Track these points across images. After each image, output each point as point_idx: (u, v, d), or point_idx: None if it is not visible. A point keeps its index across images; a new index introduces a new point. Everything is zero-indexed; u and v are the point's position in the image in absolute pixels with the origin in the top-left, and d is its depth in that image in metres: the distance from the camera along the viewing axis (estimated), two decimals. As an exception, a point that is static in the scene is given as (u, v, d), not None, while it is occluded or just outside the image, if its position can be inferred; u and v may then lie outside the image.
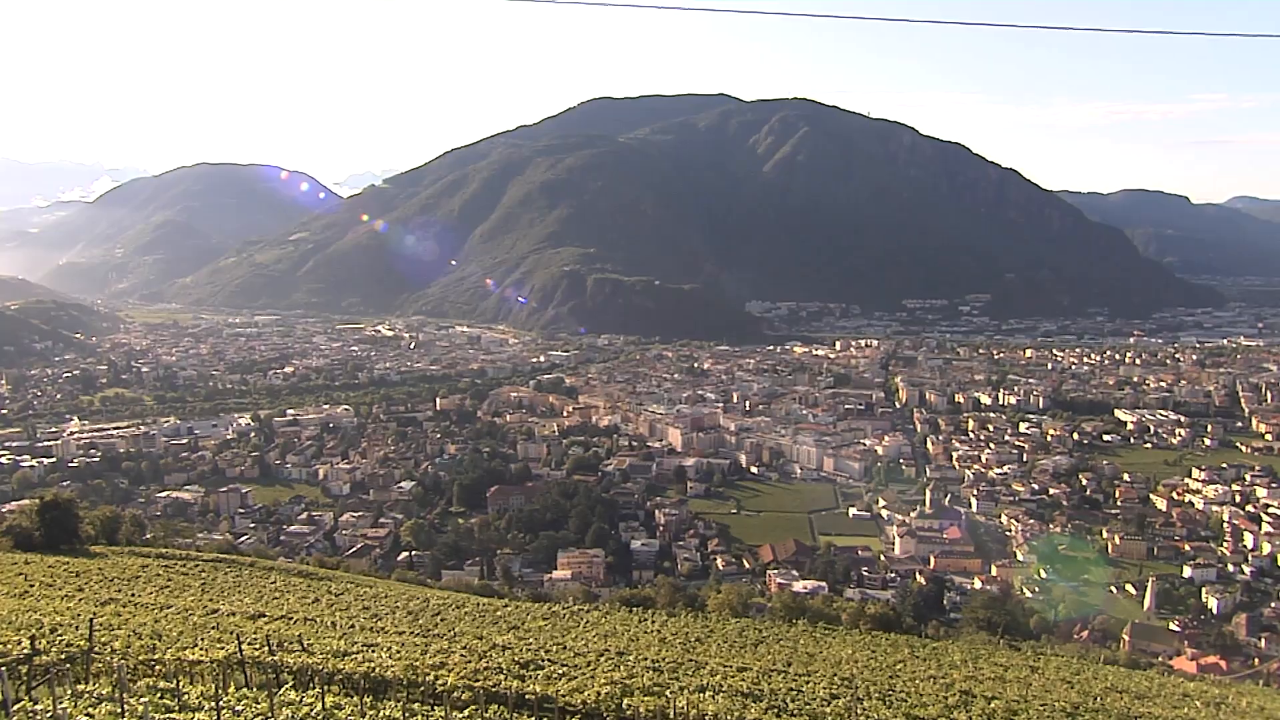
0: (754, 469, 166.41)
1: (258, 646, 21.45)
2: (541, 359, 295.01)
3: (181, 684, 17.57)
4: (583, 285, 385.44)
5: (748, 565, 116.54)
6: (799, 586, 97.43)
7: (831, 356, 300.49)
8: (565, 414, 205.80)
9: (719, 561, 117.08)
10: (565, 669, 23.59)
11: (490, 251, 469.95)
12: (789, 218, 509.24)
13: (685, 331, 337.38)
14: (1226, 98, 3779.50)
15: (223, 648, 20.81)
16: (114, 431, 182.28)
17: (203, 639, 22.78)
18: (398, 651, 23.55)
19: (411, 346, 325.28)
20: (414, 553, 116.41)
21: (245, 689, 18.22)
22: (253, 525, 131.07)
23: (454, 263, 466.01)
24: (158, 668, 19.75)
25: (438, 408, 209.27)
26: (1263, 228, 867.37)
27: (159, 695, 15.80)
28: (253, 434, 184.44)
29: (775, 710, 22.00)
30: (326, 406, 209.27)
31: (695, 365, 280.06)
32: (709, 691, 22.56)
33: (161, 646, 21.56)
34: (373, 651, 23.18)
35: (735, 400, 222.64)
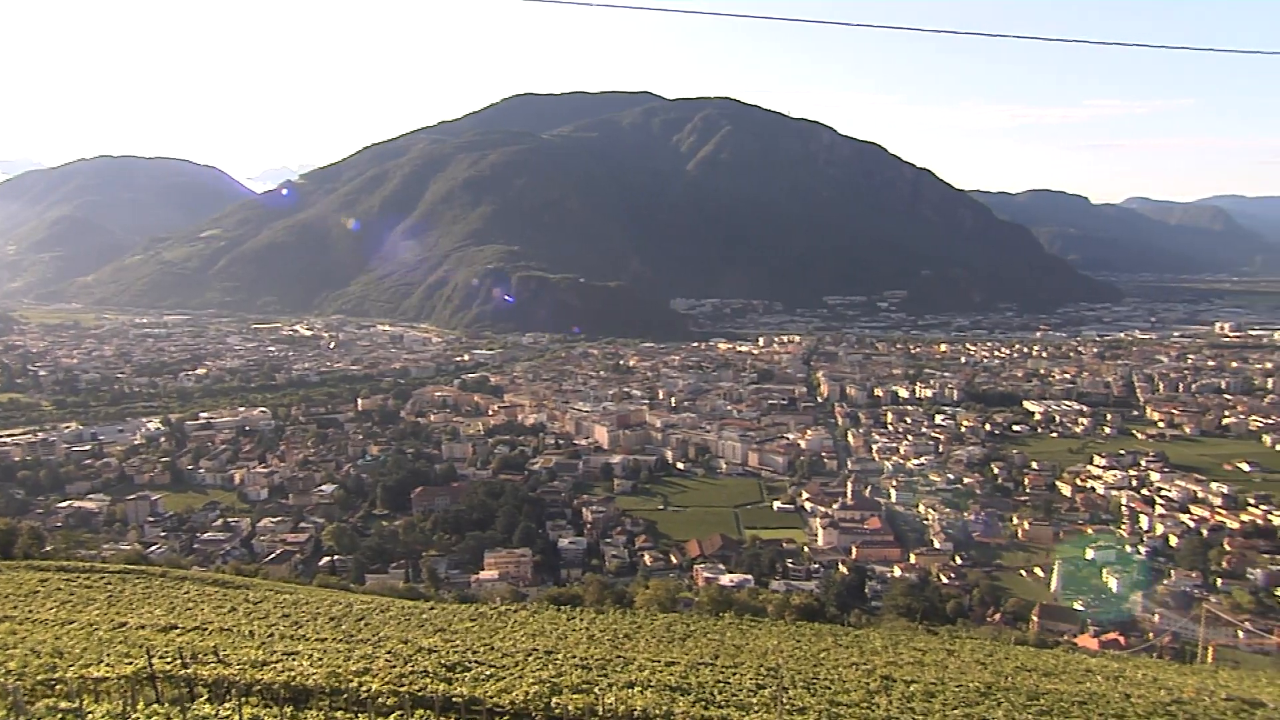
0: (680, 465, 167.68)
1: (169, 660, 20.62)
2: (466, 358, 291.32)
3: (85, 703, 16.78)
4: (507, 283, 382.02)
5: (675, 560, 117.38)
6: (726, 580, 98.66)
7: (755, 353, 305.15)
8: (491, 413, 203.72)
9: (647, 558, 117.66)
10: (493, 670, 23.38)
11: (413, 249, 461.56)
12: (713, 215, 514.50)
13: (611, 329, 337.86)
14: (1120, 104, 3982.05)
15: (131, 663, 19.93)
16: (7, 439, 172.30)
17: (109, 655, 21.80)
18: (320, 659, 22.98)
19: (332, 346, 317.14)
20: (336, 557, 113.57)
21: (156, 705, 17.50)
22: (164, 534, 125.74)
23: (378, 260, 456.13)
24: (59, 687, 18.79)
25: (359, 408, 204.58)
26: (1155, 227, 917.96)
27: (60, 716, 15.06)
28: (163, 439, 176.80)
29: (703, 703, 22.24)
30: (242, 409, 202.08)
31: (621, 363, 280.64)
32: (637, 687, 22.67)
33: (63, 664, 20.55)
34: (293, 660, 22.55)
35: (661, 397, 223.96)
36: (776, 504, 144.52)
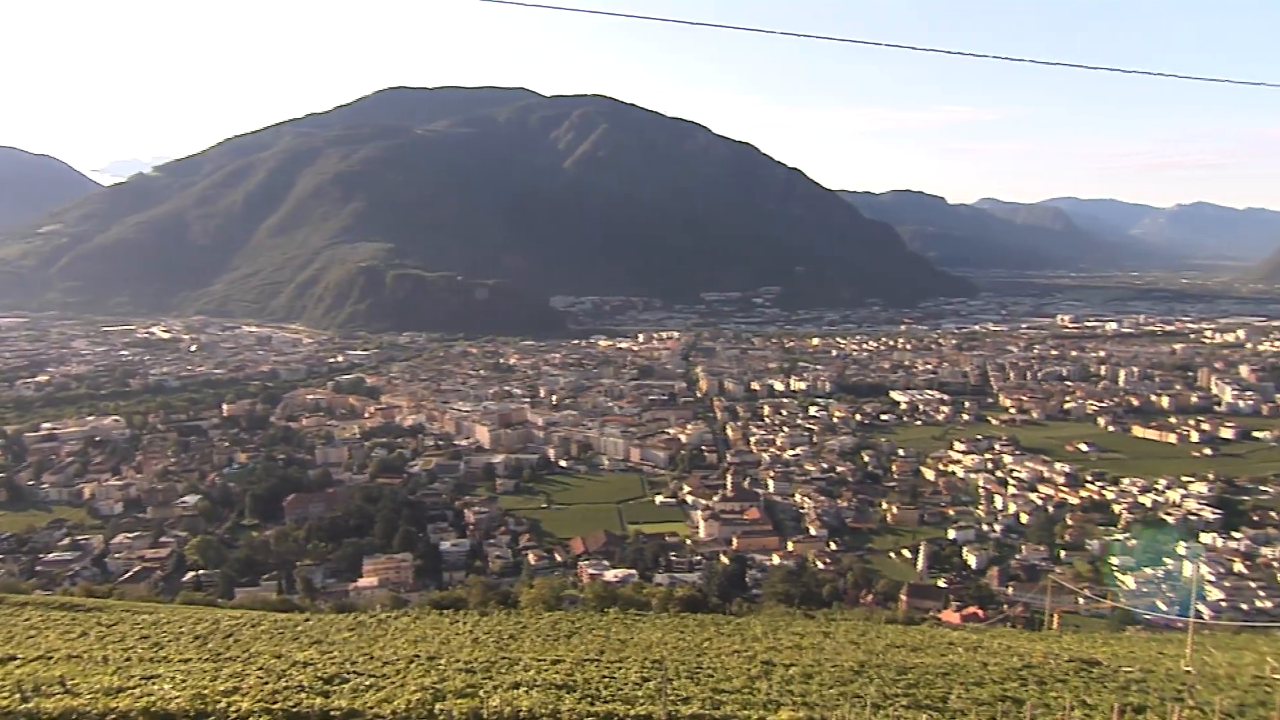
0: (563, 462, 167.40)
1: (6, 695, 19.08)
2: (340, 359, 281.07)
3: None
4: (382, 281, 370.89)
5: (560, 558, 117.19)
6: (610, 575, 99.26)
7: (635, 349, 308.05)
8: (367, 415, 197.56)
9: (531, 557, 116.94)
10: (373, 680, 22.80)
11: (281, 246, 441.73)
12: (591, 213, 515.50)
13: (490, 327, 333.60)
14: (971, 110, 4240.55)
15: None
16: None
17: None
18: (183, 681, 21.78)
19: (193, 349, 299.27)
20: (201, 572, 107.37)
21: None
22: (0, 556, 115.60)
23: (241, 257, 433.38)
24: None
25: (225, 414, 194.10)
26: (1004, 226, 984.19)
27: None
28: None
29: (589, 699, 22.38)
30: (92, 418, 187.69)
31: (501, 361, 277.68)
32: (523, 688, 22.59)
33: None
34: (153, 684, 21.28)
35: (542, 395, 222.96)
36: (659, 498, 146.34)
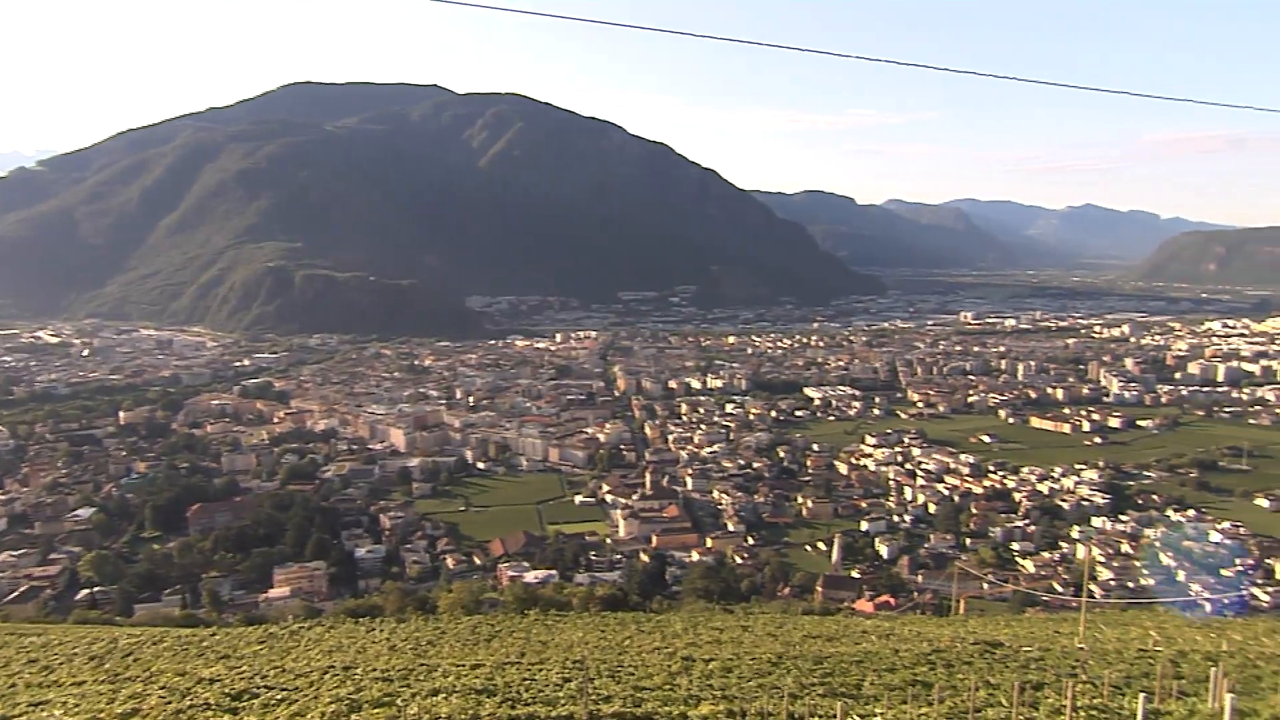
0: (481, 464, 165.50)
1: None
2: (246, 362, 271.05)
3: None
4: (290, 282, 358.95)
5: (479, 561, 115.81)
6: (530, 577, 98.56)
7: (553, 349, 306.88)
8: (276, 420, 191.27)
9: (449, 561, 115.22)
10: (285, 693, 22.17)
11: (180, 246, 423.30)
12: (507, 212, 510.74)
13: (405, 328, 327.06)
14: (877, 114, 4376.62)
15: None
16: None
17: None
18: (77, 705, 20.74)
19: (85, 354, 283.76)
20: (96, 589, 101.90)
21: None
22: None
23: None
24: None
25: (122, 422, 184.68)
26: (910, 225, 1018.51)
27: None
28: None
29: (510, 703, 22.27)
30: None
31: (416, 363, 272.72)
32: (442, 694, 22.33)
33: None
34: (42, 710, 20.20)
35: (459, 396, 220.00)
36: (578, 498, 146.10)
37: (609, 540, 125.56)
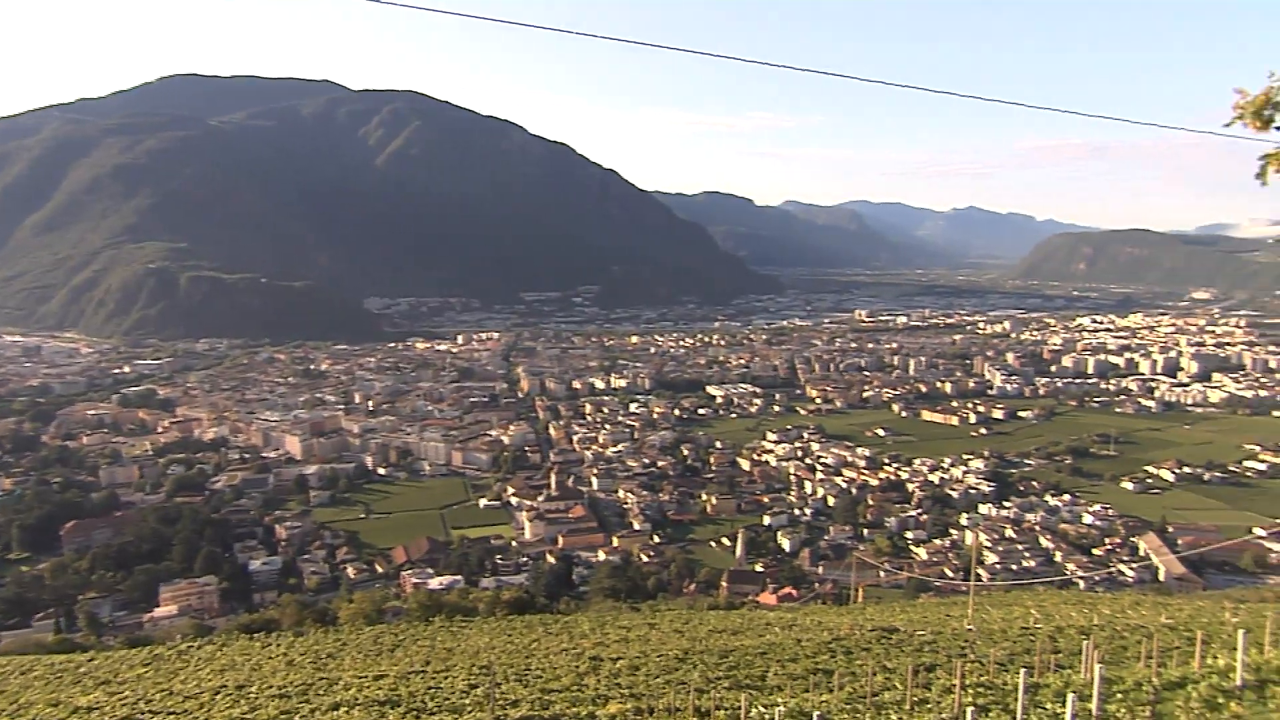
0: (382, 470, 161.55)
1: None
2: (126, 369, 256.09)
3: None
4: (174, 284, 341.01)
5: (381, 569, 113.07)
6: (435, 583, 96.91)
7: (454, 351, 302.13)
8: (161, 430, 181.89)
9: (350, 570, 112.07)
10: (173, 717, 21.20)
11: (50, 246, 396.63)
12: (405, 212, 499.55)
13: (299, 332, 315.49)
14: (774, 116, 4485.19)
15: None
16: None
17: None
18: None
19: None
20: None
21: None
22: None
23: None
24: None
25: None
26: (806, 227, 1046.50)
27: None
28: None
29: (414, 712, 21.93)
30: None
31: (312, 367, 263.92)
32: (343, 708, 21.80)
33: None
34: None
35: (358, 401, 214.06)
36: (483, 501, 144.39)
37: (515, 543, 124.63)
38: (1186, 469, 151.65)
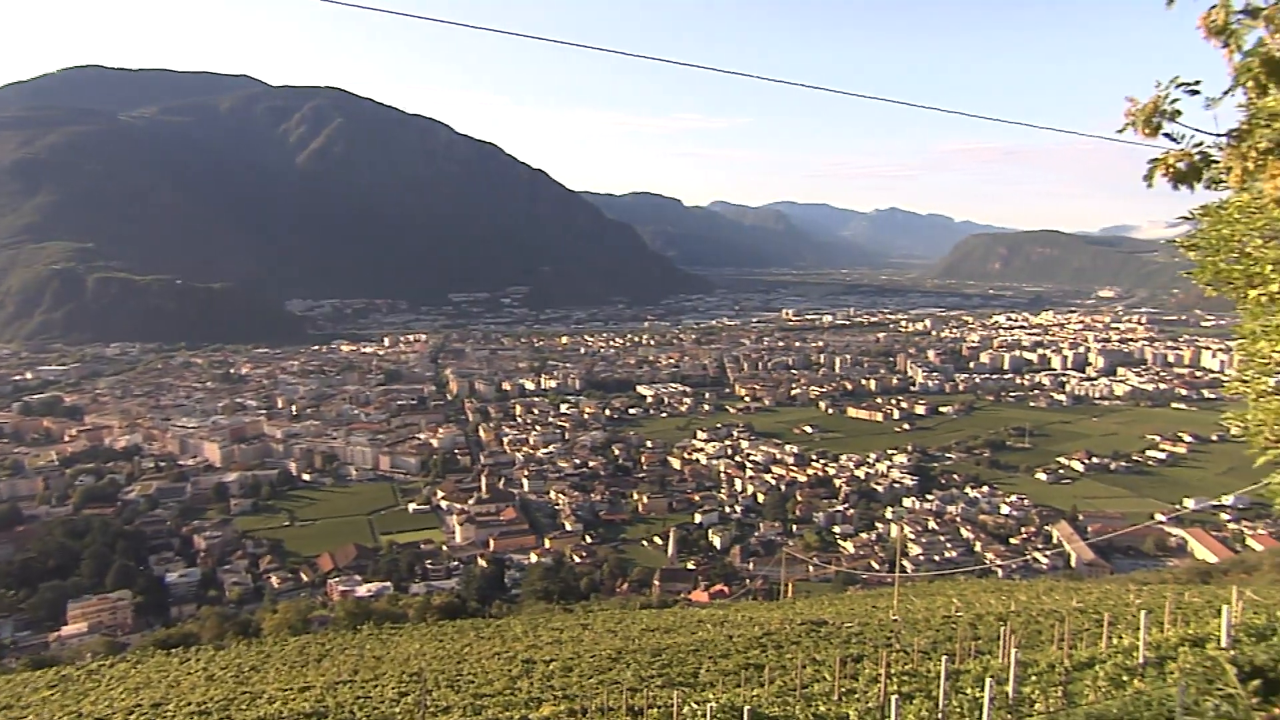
0: (306, 476, 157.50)
1: None
2: (28, 376, 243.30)
3: None
4: (81, 286, 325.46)
5: (307, 578, 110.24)
6: (363, 590, 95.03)
7: (381, 353, 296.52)
8: (67, 439, 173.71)
9: (274, 579, 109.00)
10: (87, 738, 20.33)
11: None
12: (328, 211, 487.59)
13: (217, 335, 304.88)
14: (701, 118, 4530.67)
15: None
16: None
17: None
18: None
19: None
20: None
21: None
22: None
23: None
24: None
25: None
26: (734, 227, 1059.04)
27: None
28: None
29: (343, 722, 21.50)
30: None
31: (232, 371, 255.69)
32: (269, 721, 21.24)
33: None
34: None
35: (280, 405, 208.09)
36: (412, 506, 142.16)
37: (445, 547, 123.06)
38: (1095, 459, 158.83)
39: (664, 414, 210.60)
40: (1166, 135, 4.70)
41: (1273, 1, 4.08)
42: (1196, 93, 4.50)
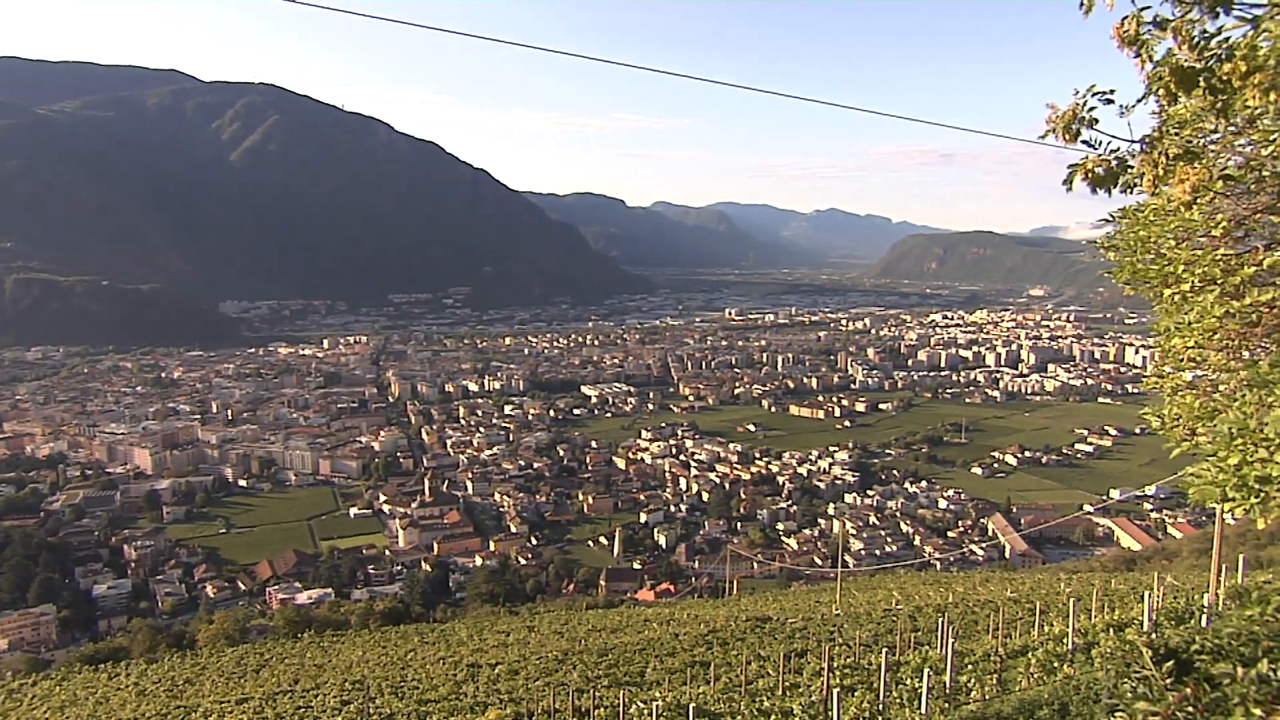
0: (243, 482, 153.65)
1: None
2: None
3: None
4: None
5: (244, 586, 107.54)
6: (303, 598, 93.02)
7: (320, 355, 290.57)
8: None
9: (209, 589, 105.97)
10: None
11: None
12: (263, 210, 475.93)
13: (147, 338, 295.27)
14: (642, 119, 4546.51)
15: None
16: None
17: None
18: None
19: None
20: None
21: None
22: None
23: None
24: None
25: None
26: (677, 227, 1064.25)
27: None
28: None
29: (283, 733, 21.03)
30: None
31: (163, 375, 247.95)
32: (205, 734, 20.67)
33: None
34: None
35: (215, 410, 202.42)
36: (353, 510, 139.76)
37: (388, 552, 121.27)
38: (1027, 453, 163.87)
39: (609, 414, 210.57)
40: (1085, 142, 4.90)
41: (1179, 14, 4.29)
42: (1111, 101, 4.71)
